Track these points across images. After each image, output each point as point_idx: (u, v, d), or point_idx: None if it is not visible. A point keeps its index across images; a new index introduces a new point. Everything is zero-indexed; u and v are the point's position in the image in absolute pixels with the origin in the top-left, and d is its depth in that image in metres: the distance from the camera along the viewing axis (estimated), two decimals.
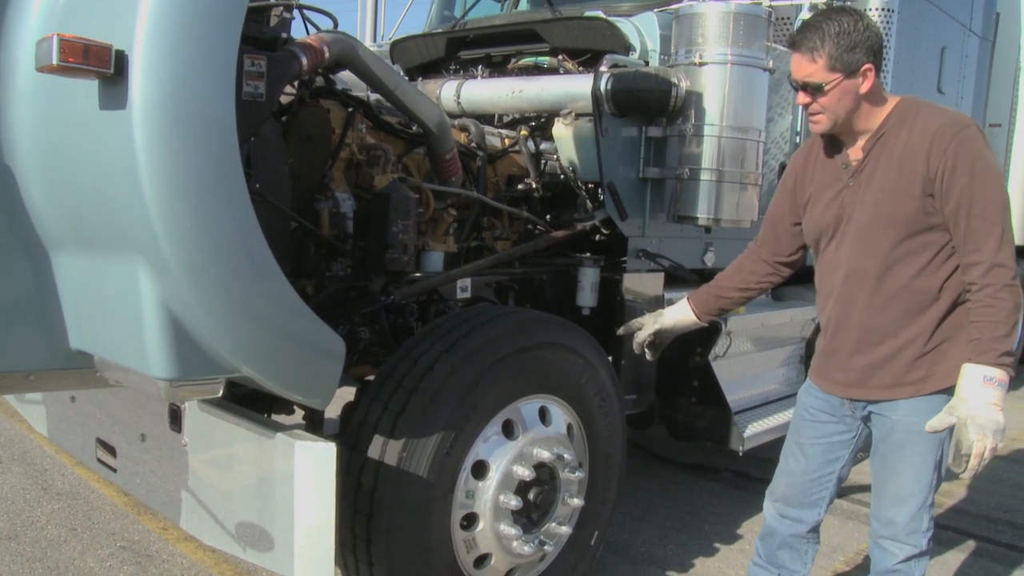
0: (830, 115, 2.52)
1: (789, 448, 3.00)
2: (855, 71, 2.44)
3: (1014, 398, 8.20)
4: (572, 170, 3.92)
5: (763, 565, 3.09)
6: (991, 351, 2.40)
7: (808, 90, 2.49)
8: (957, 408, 2.43)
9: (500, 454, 2.99)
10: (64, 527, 4.04)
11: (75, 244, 2.31)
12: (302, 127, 3.20)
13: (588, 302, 3.80)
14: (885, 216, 2.53)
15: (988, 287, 2.41)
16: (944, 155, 2.40)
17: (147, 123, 1.97)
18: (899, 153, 2.50)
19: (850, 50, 2.41)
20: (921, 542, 2.74)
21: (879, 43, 2.46)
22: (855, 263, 2.62)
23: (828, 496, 2.95)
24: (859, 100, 2.50)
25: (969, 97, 6.25)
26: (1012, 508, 5.10)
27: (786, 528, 2.99)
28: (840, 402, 2.81)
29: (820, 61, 2.43)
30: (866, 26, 2.44)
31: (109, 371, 2.47)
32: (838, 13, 2.46)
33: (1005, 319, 2.38)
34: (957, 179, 2.39)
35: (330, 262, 3.24)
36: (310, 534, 2.43)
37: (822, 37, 2.42)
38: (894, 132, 2.52)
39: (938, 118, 2.48)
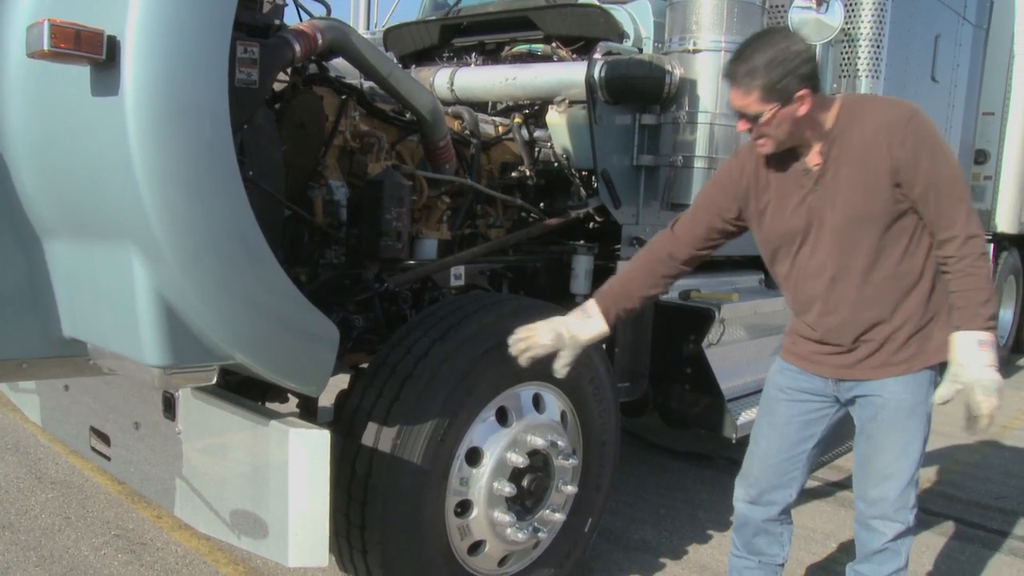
0: (772, 140, 2.54)
1: (760, 431, 3.00)
2: (790, 99, 2.43)
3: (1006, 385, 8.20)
4: (566, 158, 3.92)
5: (742, 555, 3.10)
6: (978, 316, 2.50)
7: (746, 119, 2.50)
8: (960, 375, 2.52)
9: (494, 441, 2.99)
10: (58, 516, 4.04)
11: (68, 231, 2.30)
12: (295, 114, 3.19)
13: (582, 289, 3.81)
14: (860, 214, 2.56)
15: (966, 258, 2.49)
16: (903, 145, 2.46)
17: (139, 109, 1.96)
18: (857, 152, 2.53)
19: (782, 80, 2.40)
20: (909, 518, 2.77)
21: (812, 68, 2.44)
22: (840, 264, 2.64)
23: (800, 477, 2.97)
24: (799, 122, 2.50)
25: (963, 85, 6.26)
26: (1003, 495, 5.12)
27: (759, 514, 3.00)
28: (824, 383, 2.82)
29: (754, 93, 2.42)
30: (797, 52, 2.41)
31: (102, 359, 2.47)
32: (769, 41, 2.43)
33: (985, 285, 2.49)
34: (920, 164, 2.46)
35: (324, 250, 3.24)
36: (304, 521, 2.43)
37: (754, 70, 2.40)
38: (847, 133, 2.55)
39: (886, 111, 2.52)
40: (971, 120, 6.54)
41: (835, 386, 2.81)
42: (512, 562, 3.24)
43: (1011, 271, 8.60)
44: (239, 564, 3.69)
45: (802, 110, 2.46)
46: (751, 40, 2.47)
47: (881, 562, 2.84)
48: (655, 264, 2.85)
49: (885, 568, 2.84)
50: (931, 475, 5.37)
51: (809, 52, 2.44)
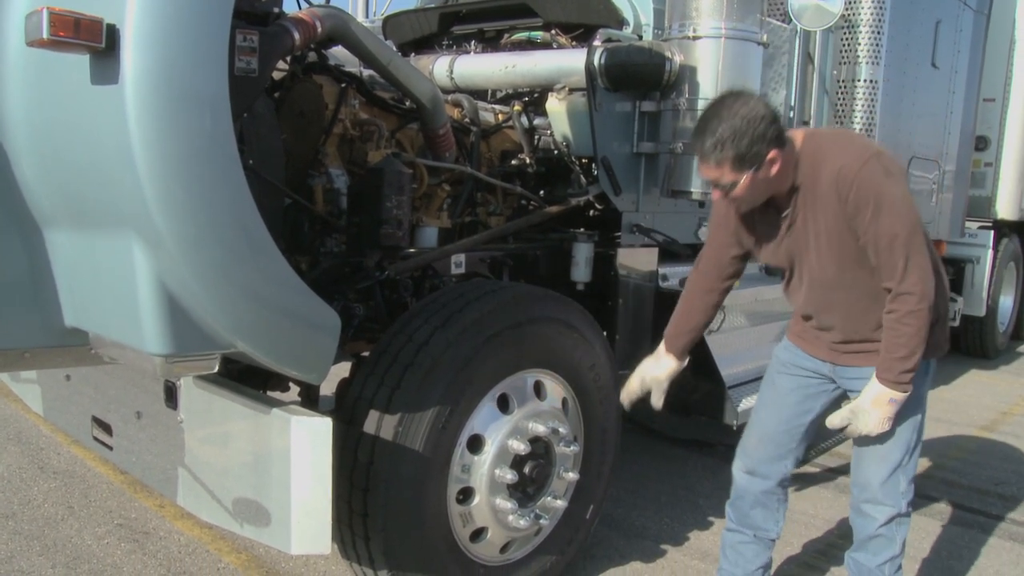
0: (748, 201, 2.59)
1: (762, 403, 3.12)
2: (762, 164, 2.45)
3: (1004, 372, 8.26)
4: (566, 145, 3.91)
5: (736, 529, 3.17)
6: (892, 370, 2.60)
7: (720, 188, 2.52)
8: (858, 415, 2.68)
9: (495, 428, 3.00)
10: (61, 505, 4.05)
11: (68, 221, 2.30)
12: (295, 103, 3.19)
13: (582, 277, 3.80)
14: (834, 255, 2.64)
15: (895, 312, 2.57)
16: (848, 197, 2.50)
17: (139, 98, 1.95)
18: (817, 202, 2.58)
19: (751, 148, 2.41)
20: (900, 503, 2.81)
21: (777, 127, 2.45)
22: (827, 296, 2.76)
23: (796, 450, 3.05)
24: (772, 181, 2.54)
25: (963, 71, 6.24)
26: (1002, 481, 5.14)
27: (757, 486, 3.07)
28: (823, 364, 2.92)
29: (726, 165, 2.44)
30: (760, 116, 2.41)
31: (104, 348, 2.47)
32: (730, 109, 2.42)
33: (905, 343, 2.56)
34: (862, 218, 2.51)
35: (324, 238, 3.23)
36: (307, 509, 2.44)
37: (721, 142, 2.41)
38: (807, 182, 2.59)
39: (838, 158, 2.54)
40: (972, 106, 6.53)
41: (831, 369, 2.90)
42: (514, 549, 3.25)
43: (1011, 257, 8.60)
44: (241, 553, 3.70)
45: (774, 170, 2.49)
46: (711, 111, 2.47)
47: (875, 550, 2.87)
48: (702, 297, 3.03)
49: (880, 556, 2.88)
50: (932, 462, 5.38)
51: (771, 112, 2.45)
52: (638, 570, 3.75)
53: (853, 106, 4.91)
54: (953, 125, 6.29)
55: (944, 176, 6.32)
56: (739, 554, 3.19)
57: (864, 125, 4.92)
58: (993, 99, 7.65)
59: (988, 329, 8.39)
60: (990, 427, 6.31)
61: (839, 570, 3.77)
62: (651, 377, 3.09)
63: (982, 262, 7.88)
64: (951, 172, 6.42)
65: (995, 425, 6.38)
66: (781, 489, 3.10)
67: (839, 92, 4.93)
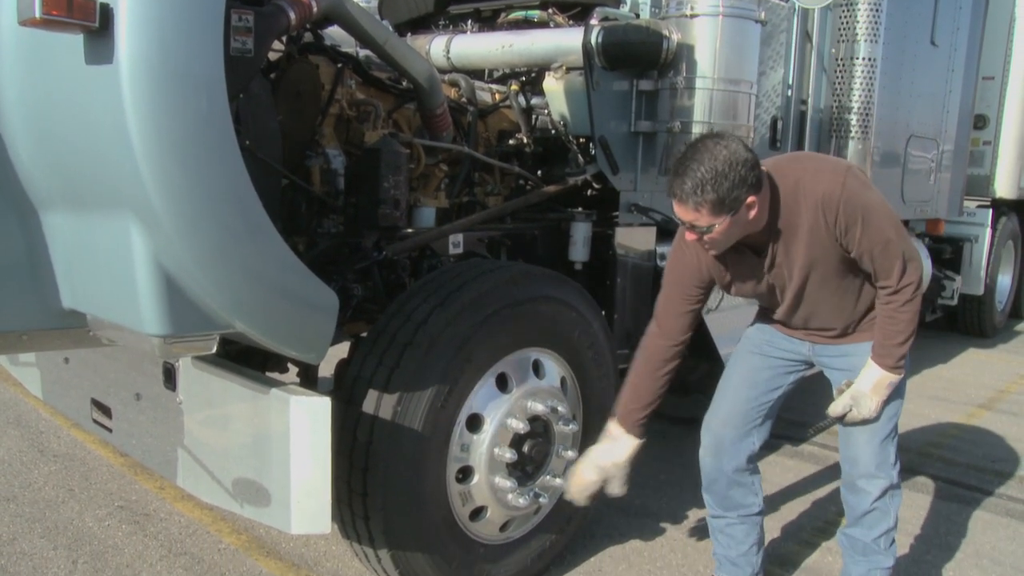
0: (722, 244, 2.58)
1: (729, 381, 3.13)
2: (739, 208, 2.44)
3: (1002, 351, 8.28)
4: (563, 124, 3.90)
5: (720, 514, 3.21)
6: (891, 356, 2.68)
7: (696, 231, 2.51)
8: (859, 400, 2.74)
9: (494, 407, 3.00)
10: (62, 488, 4.07)
11: (65, 202, 2.29)
12: (291, 83, 3.18)
13: (580, 257, 3.80)
14: (819, 279, 2.69)
15: (893, 303, 2.65)
16: (836, 220, 2.54)
17: (135, 78, 1.94)
18: (801, 235, 2.61)
19: (730, 192, 2.39)
20: (892, 474, 2.85)
21: (757, 172, 2.44)
22: (808, 312, 2.82)
23: (761, 428, 3.08)
24: (748, 225, 2.54)
25: (963, 49, 6.21)
26: (999, 458, 5.16)
27: (727, 465, 3.08)
28: (800, 344, 2.97)
29: (704, 208, 2.42)
30: (741, 161, 2.39)
31: (102, 330, 2.47)
32: (709, 152, 2.40)
33: (903, 330, 2.65)
34: (853, 234, 2.55)
35: (322, 219, 3.23)
36: (306, 488, 2.45)
37: (700, 187, 2.38)
38: (788, 221, 2.60)
39: (817, 184, 2.55)
40: (971, 85, 6.50)
41: (811, 349, 2.95)
42: (514, 528, 3.26)
43: (1009, 236, 8.59)
44: (242, 534, 3.71)
45: (751, 214, 2.49)
46: (690, 152, 2.45)
47: (871, 524, 2.89)
48: (658, 366, 2.93)
49: (875, 530, 2.90)
50: (930, 440, 5.40)
51: (752, 156, 2.44)
52: (638, 548, 3.77)
53: (851, 84, 4.89)
54: (952, 103, 6.26)
55: (943, 155, 6.30)
56: (729, 536, 3.22)
57: (862, 103, 4.90)
58: (992, 77, 7.62)
59: (986, 308, 8.39)
60: (987, 405, 6.33)
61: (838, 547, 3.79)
62: (611, 464, 2.96)
63: (980, 241, 7.87)
64: (949, 151, 6.40)
65: (992, 403, 6.39)
66: (751, 464, 3.12)
67: (837, 70, 4.91)
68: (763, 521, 3.25)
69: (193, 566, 3.44)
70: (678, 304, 2.86)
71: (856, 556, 2.96)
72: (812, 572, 3.63)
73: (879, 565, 2.93)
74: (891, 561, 2.95)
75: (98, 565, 3.40)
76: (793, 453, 5.05)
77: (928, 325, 8.20)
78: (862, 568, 2.95)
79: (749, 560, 3.23)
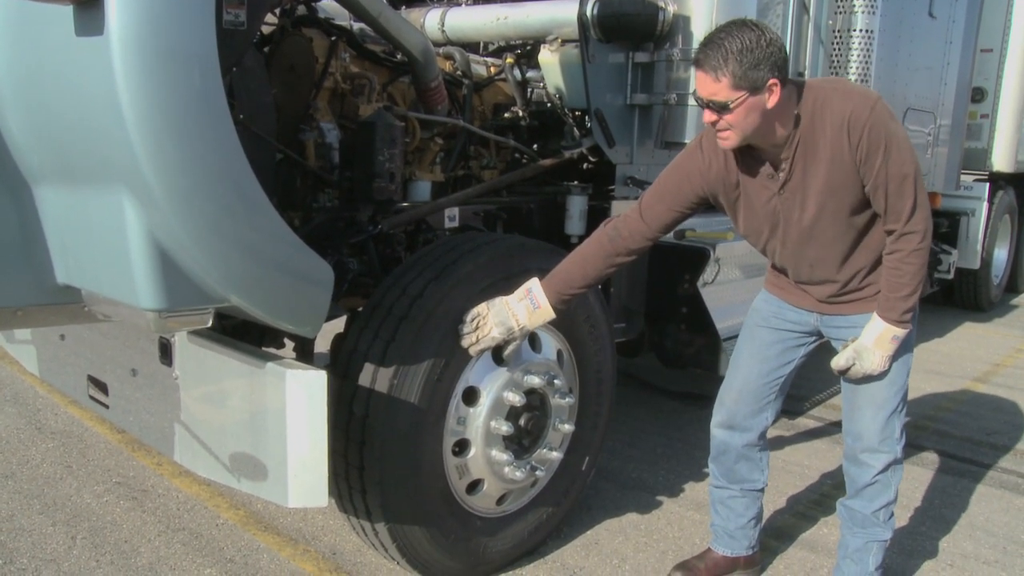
0: (738, 132, 2.50)
1: (740, 357, 3.11)
2: (760, 88, 2.39)
3: (998, 325, 8.30)
4: (559, 98, 3.88)
5: (723, 485, 3.23)
6: (896, 309, 2.62)
7: (713, 108, 2.45)
8: (862, 355, 2.70)
9: (490, 380, 3.00)
10: (59, 465, 4.07)
11: (58, 176, 2.28)
12: (285, 57, 3.15)
13: (577, 230, 3.79)
14: (832, 212, 2.61)
15: (897, 252, 2.58)
16: (860, 143, 2.47)
17: (126, 49, 1.92)
18: (822, 154, 2.53)
19: (754, 67, 2.35)
20: (896, 448, 2.83)
21: (783, 57, 2.40)
22: (817, 255, 2.73)
23: (775, 403, 3.08)
24: (766, 115, 2.46)
25: (961, 21, 6.17)
26: (994, 431, 5.18)
27: (738, 440, 3.11)
28: (808, 315, 2.92)
29: (724, 80, 2.37)
30: (769, 42, 2.36)
31: (97, 305, 2.46)
32: (740, 29, 2.37)
33: (909, 282, 2.59)
34: (873, 162, 2.48)
35: (317, 193, 3.22)
36: (303, 462, 2.45)
37: (725, 56, 2.35)
38: (810, 134, 2.53)
39: (845, 104, 2.49)
40: (969, 57, 6.46)
41: (818, 319, 2.90)
42: (510, 500, 3.27)
43: (1006, 210, 8.59)
44: (240, 509, 3.73)
45: (771, 101, 2.43)
46: (722, 27, 2.42)
47: (871, 497, 2.90)
48: (618, 251, 2.82)
49: (875, 503, 2.90)
50: (926, 414, 5.42)
51: (780, 42, 2.40)
52: (635, 521, 3.79)
53: (848, 56, 4.86)
54: (950, 76, 6.23)
55: (940, 128, 6.28)
56: (729, 508, 3.24)
57: (859, 76, 4.86)
58: (991, 50, 7.58)
59: (982, 282, 8.40)
60: (983, 379, 6.35)
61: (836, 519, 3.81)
62: (520, 327, 2.86)
63: (977, 215, 7.87)
64: (947, 124, 6.37)
65: (988, 377, 6.42)
66: (762, 440, 3.13)
67: (834, 42, 4.88)
68: (763, 497, 3.27)
69: (191, 541, 3.45)
70: (670, 199, 2.77)
71: (854, 528, 2.97)
72: (808, 544, 3.65)
73: (877, 537, 2.95)
74: (889, 534, 2.96)
75: (97, 541, 3.41)
76: (790, 427, 5.07)
77: (924, 299, 8.19)
78: (859, 540, 2.97)
79: (746, 534, 3.26)
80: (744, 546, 3.28)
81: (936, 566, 3.53)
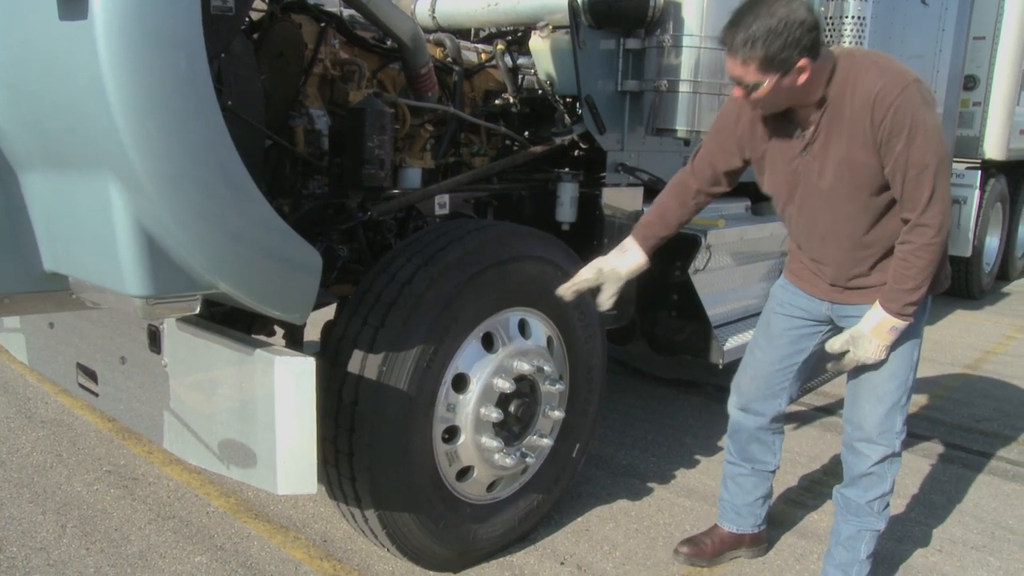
0: (768, 104, 2.50)
1: (756, 342, 3.13)
2: (790, 70, 2.37)
3: (989, 312, 8.32)
4: (550, 84, 3.87)
5: (736, 462, 3.27)
6: (898, 301, 2.59)
7: (743, 86, 2.44)
8: (859, 342, 2.67)
9: (480, 367, 3.00)
10: (50, 453, 4.06)
11: (43, 162, 2.26)
12: (274, 43, 3.14)
13: (567, 217, 3.78)
14: (849, 185, 2.57)
15: (908, 243, 2.53)
16: (883, 122, 2.42)
17: (110, 34, 1.90)
18: (846, 124, 2.50)
19: (782, 50, 2.32)
20: (895, 442, 2.82)
21: (814, 36, 2.35)
22: (829, 228, 2.70)
23: (789, 389, 3.09)
24: (796, 90, 2.45)
25: (953, 8, 6.16)
26: (984, 418, 5.20)
27: (751, 422, 3.14)
28: (820, 304, 2.91)
29: (752, 63, 2.35)
30: (800, 22, 2.31)
31: (85, 292, 2.45)
32: (769, 8, 2.32)
33: (915, 276, 2.54)
34: (894, 144, 2.43)
35: (306, 180, 3.20)
36: (292, 449, 2.44)
37: (753, 40, 2.32)
38: (838, 101, 2.50)
39: (877, 80, 2.45)
40: (961, 45, 6.45)
41: (830, 308, 2.89)
42: (501, 487, 3.28)
43: (998, 198, 8.59)
44: (230, 496, 3.72)
45: (801, 79, 2.40)
46: (749, 5, 2.37)
47: (867, 487, 2.90)
48: (686, 194, 2.91)
49: (871, 493, 2.91)
50: (918, 400, 5.43)
51: (811, 19, 2.34)
52: (625, 508, 3.79)
53: (841, 43, 4.84)
54: (942, 64, 6.22)
55: None
56: (739, 486, 3.29)
57: None
58: (983, 37, 7.57)
59: (973, 269, 8.42)
60: (973, 366, 6.37)
61: (825, 506, 3.83)
62: (610, 269, 2.89)
63: (969, 203, 7.88)
64: (939, 112, 6.37)
65: (978, 364, 6.44)
66: (776, 424, 3.16)
67: (827, 29, 4.87)
68: (773, 478, 3.30)
69: (182, 529, 3.45)
70: (714, 155, 2.84)
71: (848, 516, 2.98)
72: (798, 530, 3.66)
73: (869, 527, 2.95)
74: (882, 524, 2.96)
75: (87, 529, 3.41)
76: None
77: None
78: (852, 528, 2.97)
79: (753, 512, 3.31)
80: (750, 524, 3.32)
81: (925, 552, 3.54)
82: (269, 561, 3.25)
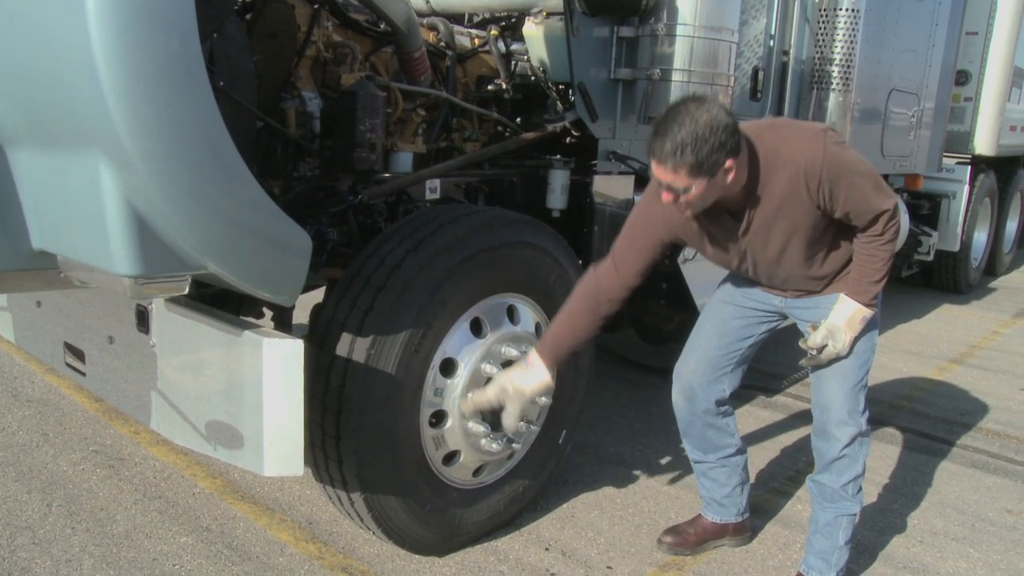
0: (697, 206, 2.55)
1: (702, 328, 3.18)
2: (717, 172, 2.42)
3: (976, 307, 8.36)
4: (543, 71, 3.86)
5: (700, 459, 3.29)
6: (867, 292, 2.73)
7: (672, 191, 2.47)
8: (835, 334, 2.77)
9: (468, 352, 3.01)
10: (36, 433, 4.05)
11: (32, 140, 2.24)
12: (266, 24, 3.12)
13: (558, 204, 3.78)
14: (799, 242, 2.71)
15: (874, 242, 2.69)
16: (820, 187, 2.55)
17: (102, 10, 1.89)
18: (780, 201, 2.61)
19: (711, 155, 2.36)
20: (861, 421, 2.90)
21: (736, 138, 2.41)
22: (787, 271, 2.83)
23: (731, 375, 3.14)
24: (726, 187, 2.51)
25: (947, 3, 6.18)
26: (968, 411, 5.24)
27: (698, 407, 3.15)
28: (776, 298, 3.00)
29: (683, 170, 2.39)
30: (723, 126, 2.36)
31: (73, 271, 2.44)
32: (690, 114, 2.35)
33: (881, 267, 2.71)
34: (838, 195, 2.57)
35: (297, 162, 3.19)
36: (279, 431, 2.44)
37: (682, 147, 2.35)
38: (766, 186, 2.60)
39: (794, 152, 2.55)
40: (954, 39, 6.47)
41: (783, 302, 3.00)
42: (487, 472, 3.29)
43: (987, 193, 8.62)
44: (217, 478, 3.72)
45: (730, 178, 2.48)
46: (672, 113, 2.40)
47: (840, 471, 2.94)
48: (600, 304, 2.84)
49: (844, 476, 2.95)
50: (902, 393, 5.47)
51: (732, 122, 2.40)
52: (611, 495, 3.81)
53: (834, 35, 4.85)
54: (935, 58, 6.24)
55: (923, 110, 6.30)
56: (711, 480, 3.31)
57: (844, 55, 4.86)
58: (976, 33, 7.59)
59: (961, 264, 8.46)
60: (959, 360, 6.41)
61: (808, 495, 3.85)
62: (515, 388, 2.83)
63: (958, 197, 7.90)
64: (930, 106, 6.40)
65: (964, 358, 6.48)
66: (722, 407, 3.19)
67: (820, 21, 4.87)
68: (745, 461, 3.33)
69: (168, 509, 3.45)
70: (640, 246, 2.81)
71: (824, 503, 3.01)
72: (781, 520, 3.69)
73: (846, 511, 2.99)
74: (857, 507, 3.00)
75: (72, 508, 3.40)
76: (766, 404, 5.11)
77: (903, 280, 8.26)
78: (829, 514, 3.01)
79: (734, 501, 3.34)
80: (733, 513, 3.35)
81: (906, 543, 3.57)
82: (254, 543, 3.26)
